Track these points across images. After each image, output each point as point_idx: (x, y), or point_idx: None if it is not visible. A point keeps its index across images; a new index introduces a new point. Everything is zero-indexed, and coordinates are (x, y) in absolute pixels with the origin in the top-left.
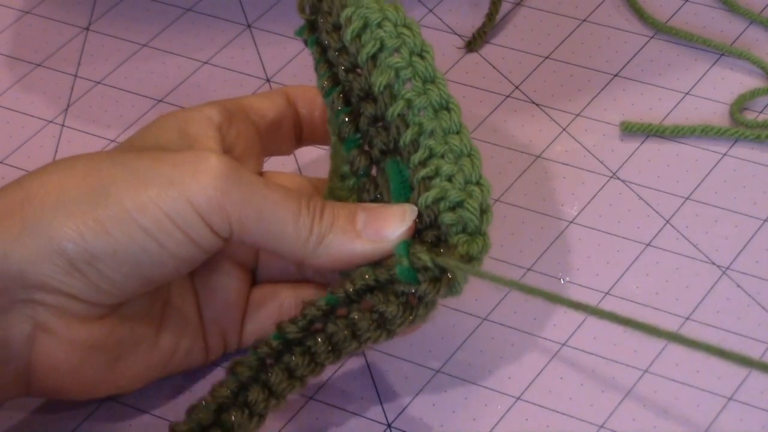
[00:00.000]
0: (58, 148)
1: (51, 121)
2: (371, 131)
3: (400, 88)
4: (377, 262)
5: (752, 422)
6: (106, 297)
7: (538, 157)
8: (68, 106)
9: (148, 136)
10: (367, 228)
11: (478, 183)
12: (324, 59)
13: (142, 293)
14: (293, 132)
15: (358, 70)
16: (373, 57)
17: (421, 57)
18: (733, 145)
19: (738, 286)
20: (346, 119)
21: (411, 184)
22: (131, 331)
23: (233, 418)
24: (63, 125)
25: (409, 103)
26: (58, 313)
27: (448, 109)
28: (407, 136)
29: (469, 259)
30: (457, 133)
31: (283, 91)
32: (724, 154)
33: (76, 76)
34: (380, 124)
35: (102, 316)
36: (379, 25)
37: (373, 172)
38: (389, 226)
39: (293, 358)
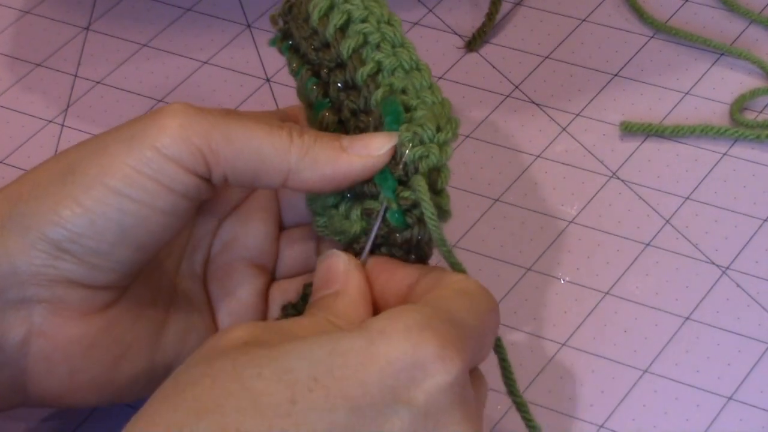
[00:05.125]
0: (58, 148)
1: (51, 121)
2: (341, 96)
3: (369, 53)
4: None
5: (752, 422)
6: (102, 274)
7: (538, 157)
8: (68, 106)
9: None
10: (353, 146)
11: (448, 120)
12: (297, 56)
13: (142, 262)
14: None
15: (328, 47)
16: (341, 29)
17: (390, 24)
18: (733, 145)
19: (738, 286)
20: (314, 87)
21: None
22: (132, 328)
23: None
24: (63, 125)
25: (379, 65)
26: (54, 309)
27: (418, 69)
28: (378, 94)
29: (437, 170)
30: (429, 88)
31: (278, 110)
32: (724, 154)
33: (76, 76)
34: (351, 89)
35: (102, 306)
36: (346, 1)
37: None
38: (376, 142)
39: None
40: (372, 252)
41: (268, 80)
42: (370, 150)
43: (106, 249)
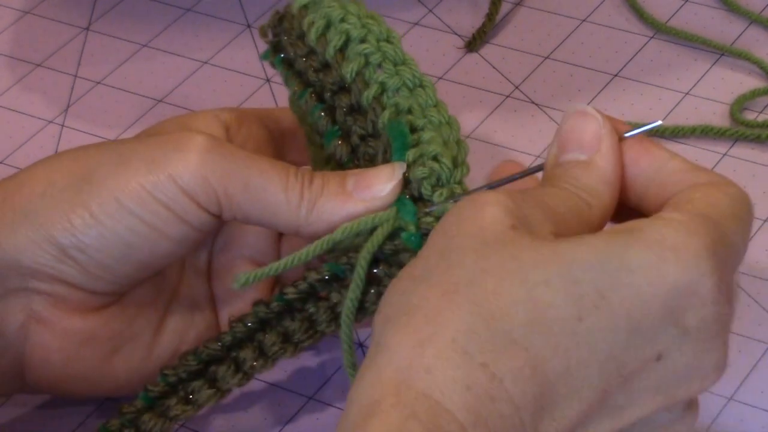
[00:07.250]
0: (58, 148)
1: (51, 121)
2: (348, 120)
3: (371, 74)
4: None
5: (752, 422)
6: (103, 284)
7: (538, 157)
8: (68, 106)
9: (149, 131)
10: (358, 188)
11: (457, 142)
12: (292, 72)
13: (142, 279)
14: None
15: (329, 68)
16: (341, 50)
17: (389, 42)
18: (733, 145)
19: (738, 286)
20: (322, 114)
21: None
22: (130, 324)
23: (219, 370)
24: (63, 125)
25: (383, 86)
26: (53, 301)
27: (422, 86)
28: (385, 116)
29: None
30: (435, 106)
31: (278, 109)
32: (724, 154)
33: (76, 76)
34: (357, 112)
35: (101, 306)
36: (343, 20)
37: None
38: (379, 182)
39: (293, 322)
40: (369, 269)
41: (268, 80)
42: (374, 192)
43: (110, 263)
